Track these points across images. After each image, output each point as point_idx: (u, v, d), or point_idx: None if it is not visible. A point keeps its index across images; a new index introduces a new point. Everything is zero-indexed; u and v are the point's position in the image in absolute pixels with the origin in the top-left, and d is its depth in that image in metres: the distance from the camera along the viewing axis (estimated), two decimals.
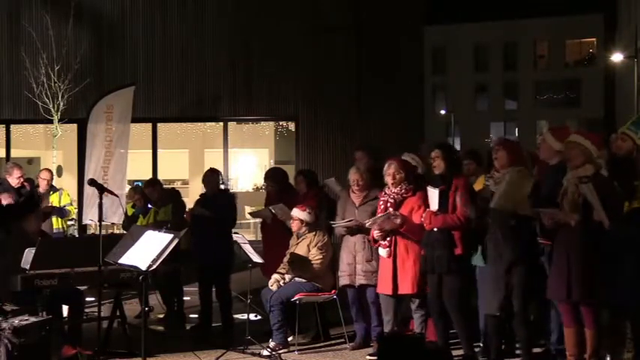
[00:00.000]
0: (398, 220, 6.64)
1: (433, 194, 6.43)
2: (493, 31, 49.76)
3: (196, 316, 8.70)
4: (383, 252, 6.80)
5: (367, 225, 6.85)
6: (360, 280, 7.09)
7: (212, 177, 8.53)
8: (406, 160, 7.10)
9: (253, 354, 7.11)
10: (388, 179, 6.84)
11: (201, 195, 8.70)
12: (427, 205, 6.58)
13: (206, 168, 8.88)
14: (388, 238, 6.75)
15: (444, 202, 6.37)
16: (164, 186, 9.76)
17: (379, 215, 6.77)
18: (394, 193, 6.81)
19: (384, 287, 6.80)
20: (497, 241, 6.04)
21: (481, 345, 6.66)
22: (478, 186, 6.69)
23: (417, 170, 7.17)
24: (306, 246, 7.41)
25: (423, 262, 6.52)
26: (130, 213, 9.37)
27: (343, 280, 7.22)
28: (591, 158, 5.64)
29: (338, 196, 7.87)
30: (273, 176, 8.60)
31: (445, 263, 6.33)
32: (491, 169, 6.38)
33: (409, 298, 6.86)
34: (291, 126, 17.59)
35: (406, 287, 6.70)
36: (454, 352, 6.48)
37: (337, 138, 16.32)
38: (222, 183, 8.70)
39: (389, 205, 6.77)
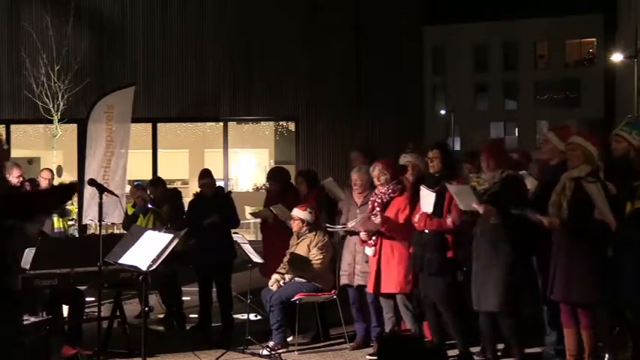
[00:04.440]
0: (378, 219, 6.65)
1: (429, 196, 6.41)
2: (493, 31, 49.74)
3: (196, 316, 8.71)
4: (369, 251, 6.88)
5: (349, 227, 6.91)
6: (358, 280, 7.13)
7: (210, 179, 8.53)
8: (393, 161, 7.14)
9: (253, 354, 7.11)
10: (375, 181, 6.92)
11: (196, 195, 8.68)
12: (414, 206, 6.60)
13: (204, 168, 8.89)
14: (374, 237, 6.80)
15: (438, 205, 6.37)
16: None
17: (358, 218, 6.82)
18: (381, 193, 6.86)
19: (369, 286, 6.88)
20: (483, 238, 6.07)
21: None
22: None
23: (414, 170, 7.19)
24: (307, 246, 7.41)
25: (412, 260, 6.54)
26: (130, 212, 9.37)
27: (343, 280, 7.28)
28: (590, 159, 5.68)
29: (337, 197, 7.89)
30: (276, 176, 8.60)
31: (436, 265, 6.35)
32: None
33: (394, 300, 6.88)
34: (291, 126, 17.60)
35: (390, 286, 6.75)
36: (452, 352, 6.50)
37: (337, 138, 16.32)
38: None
39: (376, 205, 6.81)
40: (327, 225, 7.40)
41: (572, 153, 5.76)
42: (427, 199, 6.42)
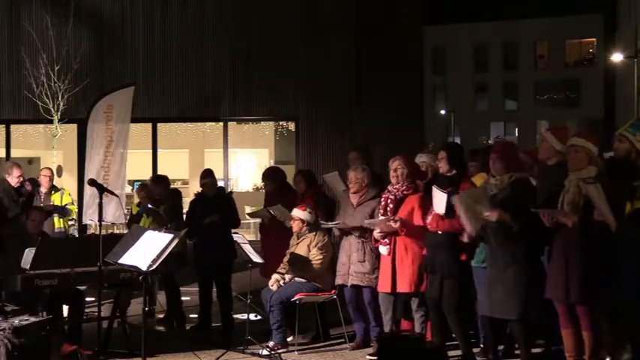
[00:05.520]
0: (397, 225, 6.63)
1: (441, 197, 6.32)
2: (493, 31, 49.77)
3: (196, 316, 8.71)
4: (383, 250, 6.81)
5: (366, 224, 6.87)
6: (352, 280, 7.11)
7: (212, 179, 8.53)
8: (411, 159, 7.12)
9: (253, 354, 7.11)
10: (392, 173, 6.86)
11: (197, 195, 8.68)
12: (427, 206, 6.57)
13: (206, 168, 8.88)
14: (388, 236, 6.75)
15: (450, 205, 6.32)
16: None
17: (379, 219, 6.78)
18: (395, 189, 6.81)
19: (384, 285, 6.82)
20: (496, 241, 6.04)
21: (481, 346, 6.67)
22: (478, 181, 6.65)
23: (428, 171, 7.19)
24: (307, 246, 7.41)
25: (425, 261, 6.52)
26: (134, 212, 9.38)
27: (338, 280, 7.26)
28: (595, 160, 5.68)
29: (339, 194, 7.87)
30: (271, 176, 8.60)
31: (448, 267, 6.33)
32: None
33: (407, 298, 6.85)
34: (291, 126, 17.59)
35: (404, 286, 6.71)
36: (453, 353, 6.50)
37: (337, 138, 16.30)
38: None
39: (389, 201, 6.77)
40: (322, 222, 7.40)
41: (577, 155, 5.68)
42: (439, 199, 6.34)
